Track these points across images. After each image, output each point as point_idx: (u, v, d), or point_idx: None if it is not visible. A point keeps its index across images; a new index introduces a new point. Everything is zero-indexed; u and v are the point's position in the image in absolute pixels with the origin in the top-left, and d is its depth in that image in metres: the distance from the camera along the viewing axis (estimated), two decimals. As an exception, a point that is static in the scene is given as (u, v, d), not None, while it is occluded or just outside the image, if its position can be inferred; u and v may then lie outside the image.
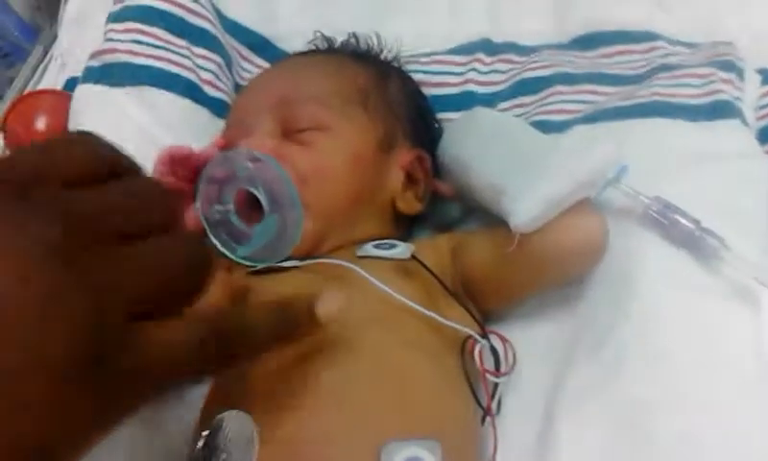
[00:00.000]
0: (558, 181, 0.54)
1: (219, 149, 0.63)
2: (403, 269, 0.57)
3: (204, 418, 0.51)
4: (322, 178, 0.60)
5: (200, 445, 0.48)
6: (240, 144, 0.60)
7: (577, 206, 0.54)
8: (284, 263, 0.55)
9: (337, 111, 0.63)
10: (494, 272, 0.59)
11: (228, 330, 0.32)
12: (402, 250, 0.58)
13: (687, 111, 0.69)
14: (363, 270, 0.52)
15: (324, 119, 0.62)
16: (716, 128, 0.68)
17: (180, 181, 0.59)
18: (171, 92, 0.71)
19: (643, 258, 0.58)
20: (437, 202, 0.69)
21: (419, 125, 0.70)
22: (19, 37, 0.97)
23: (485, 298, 0.60)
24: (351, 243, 0.60)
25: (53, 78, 0.83)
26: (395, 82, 0.71)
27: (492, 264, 0.58)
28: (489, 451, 0.53)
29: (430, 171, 0.67)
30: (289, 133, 0.62)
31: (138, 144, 0.62)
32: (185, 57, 0.73)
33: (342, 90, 0.65)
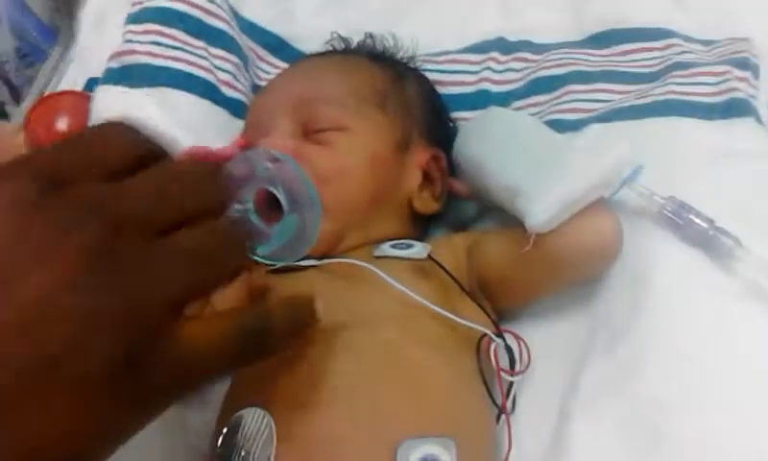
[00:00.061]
0: (573, 181, 0.54)
1: (239, 149, 0.64)
2: (420, 269, 0.57)
3: (224, 416, 0.52)
4: (340, 178, 0.60)
5: (219, 442, 0.49)
6: (259, 144, 0.60)
7: (592, 206, 0.55)
8: (302, 262, 0.55)
9: (355, 112, 0.64)
10: (510, 272, 0.59)
11: (256, 327, 0.33)
12: (419, 250, 0.58)
13: (703, 110, 0.68)
14: (380, 270, 0.53)
15: (343, 119, 0.63)
16: (731, 126, 0.68)
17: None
18: (190, 93, 0.71)
19: (658, 258, 0.58)
20: (452, 201, 0.69)
21: (434, 124, 0.71)
22: (38, 38, 0.97)
23: (500, 297, 0.60)
24: (368, 243, 0.60)
25: (72, 79, 0.84)
26: (411, 82, 0.72)
27: (508, 264, 0.59)
28: (503, 449, 0.53)
29: (446, 170, 0.68)
30: (308, 133, 0.63)
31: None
32: (203, 57, 0.74)
33: (359, 91, 0.66)
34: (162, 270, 0.28)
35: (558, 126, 0.69)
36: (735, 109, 0.69)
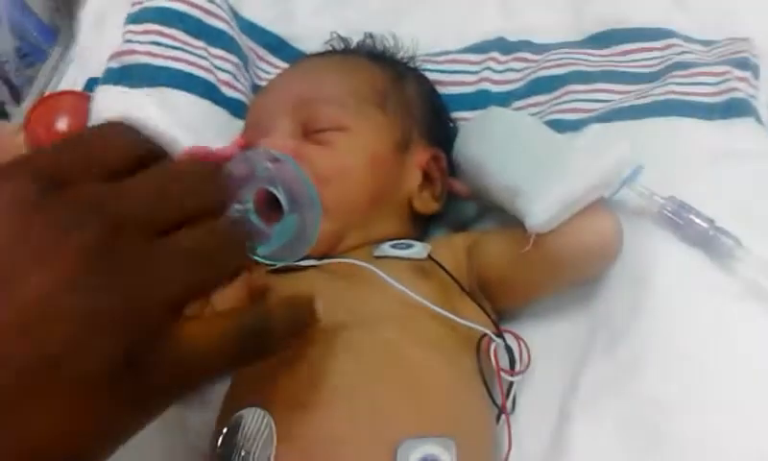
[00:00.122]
0: (574, 181, 0.54)
1: (239, 149, 0.64)
2: (420, 269, 0.57)
3: (223, 416, 0.52)
4: (340, 178, 0.60)
5: (219, 442, 0.49)
6: (259, 144, 0.60)
7: (592, 206, 0.55)
8: (302, 262, 0.55)
9: (355, 112, 0.64)
10: (510, 272, 0.59)
11: (256, 327, 0.33)
12: (419, 250, 0.58)
13: (703, 110, 0.68)
14: (380, 270, 0.53)
15: (343, 120, 0.63)
16: (731, 126, 0.68)
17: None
18: (190, 93, 0.71)
19: (658, 258, 0.58)
20: (452, 201, 0.69)
21: (434, 124, 0.71)
22: (38, 38, 0.97)
23: (500, 297, 0.61)
24: (368, 243, 0.60)
25: (72, 79, 0.84)
26: (411, 82, 0.72)
27: (508, 264, 0.59)
28: (503, 449, 0.53)
29: (446, 170, 0.68)
30: (308, 133, 0.63)
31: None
32: (203, 57, 0.74)
33: (360, 91, 0.66)
34: (162, 270, 0.28)
35: (558, 126, 0.69)
36: (735, 108, 0.69)
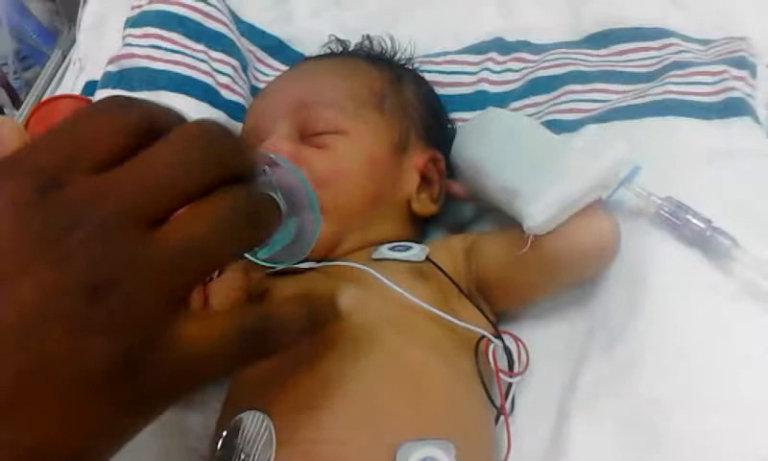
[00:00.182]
0: (571, 183, 0.54)
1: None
2: (418, 271, 0.57)
3: (223, 418, 0.52)
4: (339, 181, 0.60)
5: (219, 445, 0.49)
6: (258, 147, 0.60)
7: (589, 207, 0.55)
8: (301, 265, 0.55)
9: (353, 115, 0.64)
10: (507, 273, 0.59)
11: (257, 327, 0.32)
12: (417, 252, 0.58)
13: (700, 109, 0.68)
14: (378, 272, 0.53)
15: (341, 123, 0.63)
16: (729, 126, 0.68)
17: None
18: (189, 96, 0.71)
19: (656, 258, 0.58)
20: (450, 203, 0.69)
21: (432, 126, 0.71)
22: (38, 41, 0.97)
23: (498, 298, 0.61)
24: (367, 245, 0.61)
25: (71, 82, 0.84)
26: (409, 84, 0.72)
27: (505, 265, 0.59)
28: (502, 450, 0.53)
29: (444, 172, 0.68)
30: (306, 136, 0.63)
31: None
32: (203, 61, 0.74)
33: (358, 93, 0.66)
34: (160, 266, 0.27)
35: (556, 126, 0.70)
36: (733, 108, 0.69)
